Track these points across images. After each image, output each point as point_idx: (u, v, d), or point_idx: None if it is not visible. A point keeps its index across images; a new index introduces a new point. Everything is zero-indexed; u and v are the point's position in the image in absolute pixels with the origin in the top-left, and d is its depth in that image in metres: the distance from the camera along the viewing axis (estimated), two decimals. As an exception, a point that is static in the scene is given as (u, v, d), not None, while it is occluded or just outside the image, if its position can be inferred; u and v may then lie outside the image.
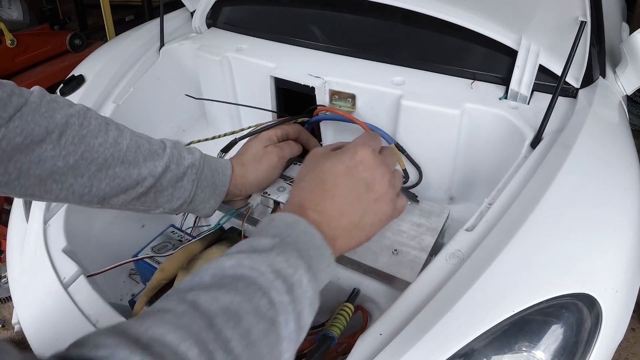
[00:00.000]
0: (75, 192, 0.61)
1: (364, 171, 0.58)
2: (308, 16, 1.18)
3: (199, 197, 0.70)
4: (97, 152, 0.60)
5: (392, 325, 0.62)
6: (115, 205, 0.65)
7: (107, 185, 0.62)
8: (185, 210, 0.71)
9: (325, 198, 0.55)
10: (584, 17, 0.86)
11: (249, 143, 0.81)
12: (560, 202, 0.70)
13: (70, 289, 0.79)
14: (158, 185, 0.65)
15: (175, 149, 0.67)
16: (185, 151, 0.69)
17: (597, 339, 0.63)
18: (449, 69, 1.01)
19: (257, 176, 0.77)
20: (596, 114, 0.87)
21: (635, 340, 1.51)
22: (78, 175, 0.59)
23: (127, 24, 3.26)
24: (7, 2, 2.81)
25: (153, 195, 0.65)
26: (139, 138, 0.65)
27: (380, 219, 0.59)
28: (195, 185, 0.68)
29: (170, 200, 0.67)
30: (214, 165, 0.72)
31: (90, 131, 0.60)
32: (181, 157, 0.67)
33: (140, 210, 0.68)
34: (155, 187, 0.65)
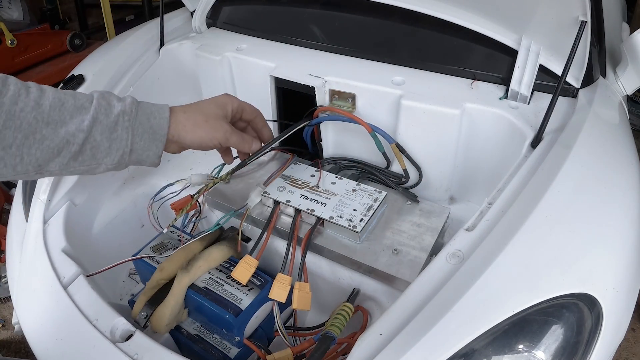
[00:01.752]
0: (7, 164, 0.58)
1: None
2: (308, 16, 1.18)
3: (139, 146, 0.66)
4: (19, 119, 0.57)
5: (392, 325, 0.62)
6: (55, 171, 0.62)
7: (37, 150, 0.59)
8: (129, 162, 0.67)
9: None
10: (584, 17, 0.86)
11: (206, 103, 0.76)
12: (560, 202, 0.70)
13: (70, 289, 0.79)
14: (91, 140, 0.62)
15: (103, 98, 0.64)
16: (115, 99, 0.65)
17: (598, 339, 0.62)
18: (449, 68, 1.01)
19: (194, 138, 0.72)
20: (596, 114, 0.87)
21: (635, 340, 1.51)
22: (6, 146, 0.57)
23: (127, 24, 3.26)
24: (7, 2, 2.81)
25: (90, 152, 0.62)
26: (63, 95, 0.61)
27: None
28: (131, 133, 0.64)
29: (109, 154, 0.64)
30: (149, 110, 0.67)
31: (10, 98, 0.57)
32: (110, 106, 0.64)
33: (83, 171, 0.64)
34: (88, 142, 0.61)
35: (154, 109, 0.68)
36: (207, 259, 0.84)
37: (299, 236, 0.86)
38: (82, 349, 0.71)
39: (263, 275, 0.83)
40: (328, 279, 0.89)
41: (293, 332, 0.86)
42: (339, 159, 1.08)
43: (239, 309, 0.77)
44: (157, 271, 0.83)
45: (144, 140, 0.66)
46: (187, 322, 0.86)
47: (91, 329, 0.72)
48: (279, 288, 0.79)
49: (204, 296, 0.79)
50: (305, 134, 1.06)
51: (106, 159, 0.64)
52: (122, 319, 0.74)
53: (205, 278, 0.83)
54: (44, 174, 0.62)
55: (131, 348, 0.70)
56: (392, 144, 0.95)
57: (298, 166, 1.00)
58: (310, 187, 0.93)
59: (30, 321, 0.78)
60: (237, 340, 0.79)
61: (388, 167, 1.03)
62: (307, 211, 0.87)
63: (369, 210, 0.87)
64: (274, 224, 0.88)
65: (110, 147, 0.63)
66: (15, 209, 1.02)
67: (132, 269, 1.06)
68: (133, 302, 0.84)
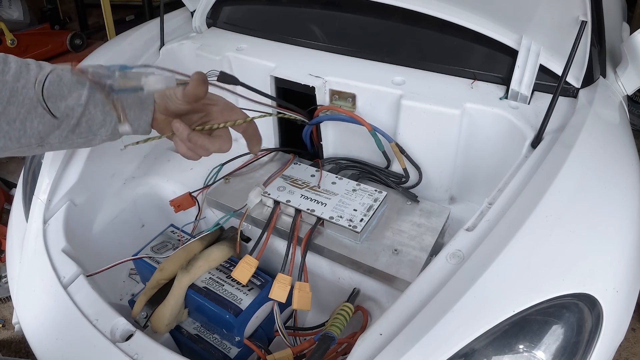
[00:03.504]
0: (12, 138, 0.62)
1: None
2: (308, 16, 1.18)
3: (130, 116, 0.69)
4: (22, 95, 0.61)
5: (392, 325, 0.62)
6: (55, 144, 0.66)
7: (39, 124, 0.63)
8: (124, 132, 0.70)
9: None
10: (584, 17, 0.86)
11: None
12: (560, 202, 0.70)
13: (70, 289, 0.79)
14: (87, 114, 0.65)
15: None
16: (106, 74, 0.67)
17: (598, 339, 0.62)
18: (449, 68, 1.01)
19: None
20: (597, 114, 0.87)
21: (635, 340, 1.51)
22: (10, 121, 0.61)
23: (127, 24, 3.26)
24: (7, 1, 2.81)
25: (86, 124, 0.66)
26: (61, 70, 0.65)
27: None
28: (122, 105, 0.68)
29: (103, 125, 0.67)
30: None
31: (12, 75, 0.61)
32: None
33: (81, 143, 0.68)
34: (85, 115, 0.65)
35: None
36: (207, 259, 0.84)
37: (299, 236, 0.86)
38: (82, 349, 0.71)
39: (263, 275, 0.83)
40: (328, 279, 0.89)
41: (293, 332, 0.86)
42: (339, 159, 1.08)
43: (239, 309, 0.77)
44: (157, 271, 0.83)
45: (133, 111, 0.68)
46: (187, 322, 0.86)
47: (91, 329, 0.72)
48: (279, 288, 0.79)
49: (204, 296, 0.79)
50: (305, 135, 1.06)
51: (101, 130, 0.67)
52: (122, 319, 0.74)
53: (205, 278, 0.83)
54: (44, 147, 0.65)
55: (131, 348, 0.70)
56: (392, 142, 0.95)
57: (298, 166, 1.00)
58: (310, 187, 0.93)
59: (30, 321, 0.78)
60: (237, 340, 0.79)
61: (388, 167, 1.03)
62: (307, 211, 0.87)
63: (369, 210, 0.87)
64: (274, 224, 0.88)
65: (104, 120, 0.67)
66: (15, 209, 1.02)
67: (132, 269, 1.06)
68: (133, 302, 0.84)
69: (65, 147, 0.68)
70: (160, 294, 0.82)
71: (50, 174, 0.97)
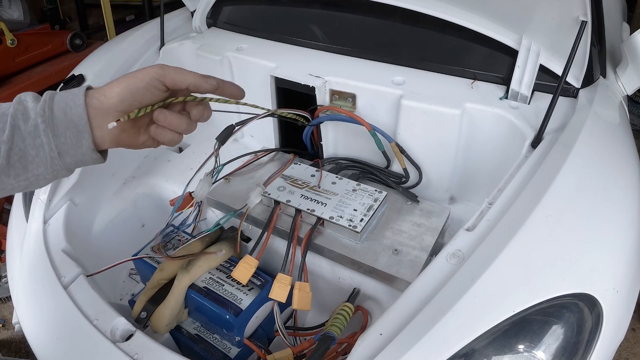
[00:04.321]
0: None
1: None
2: (308, 16, 1.18)
3: (67, 146, 0.58)
4: None
5: (392, 325, 0.62)
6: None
7: None
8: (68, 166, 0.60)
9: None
10: (584, 17, 0.86)
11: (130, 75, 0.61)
12: (560, 202, 0.70)
13: (70, 289, 0.79)
14: (16, 150, 0.56)
15: (20, 102, 0.58)
16: (31, 100, 0.58)
17: (598, 339, 0.62)
18: (449, 68, 1.01)
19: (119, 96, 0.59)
20: (597, 114, 0.87)
21: (635, 340, 1.51)
22: None
23: (127, 24, 3.26)
24: (7, 1, 2.81)
25: (19, 163, 0.57)
26: None
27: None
28: (51, 135, 0.57)
29: (39, 163, 0.58)
30: (64, 102, 0.58)
31: None
32: (26, 109, 0.57)
33: (23, 187, 0.59)
34: (14, 153, 0.56)
35: (69, 98, 0.59)
36: (207, 259, 0.84)
37: (299, 236, 0.85)
38: (82, 349, 0.71)
39: (263, 275, 0.83)
40: (328, 279, 0.89)
41: (293, 332, 0.86)
42: (339, 159, 1.08)
43: (239, 309, 0.77)
44: (157, 271, 0.83)
45: (69, 138, 0.58)
46: (187, 322, 0.86)
47: (91, 329, 0.72)
48: (279, 288, 0.79)
49: (204, 296, 0.79)
50: (305, 136, 1.06)
51: (40, 169, 0.58)
52: (122, 318, 0.74)
53: (205, 278, 0.83)
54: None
55: (131, 348, 0.70)
56: (392, 142, 0.95)
57: (298, 166, 1.00)
58: (310, 187, 0.93)
59: (30, 321, 0.78)
60: (237, 340, 0.79)
61: (388, 167, 1.03)
62: (307, 211, 0.87)
63: (369, 210, 0.87)
64: (274, 224, 0.88)
65: (37, 155, 0.57)
66: (15, 209, 1.02)
67: (132, 269, 1.06)
68: (133, 302, 0.84)
69: (8, 193, 0.59)
70: (160, 294, 0.82)
71: (50, 174, 0.97)
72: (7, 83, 2.47)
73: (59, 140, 0.58)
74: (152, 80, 0.59)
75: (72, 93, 0.59)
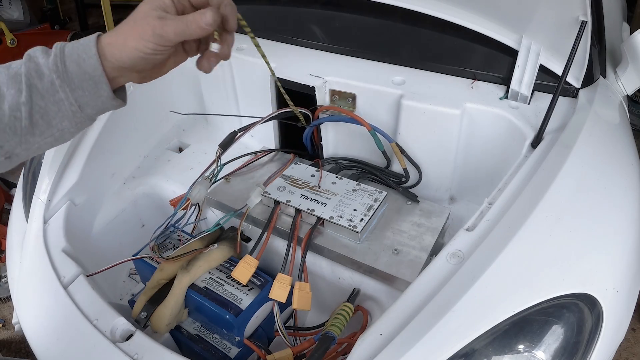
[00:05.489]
0: None
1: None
2: (308, 16, 1.18)
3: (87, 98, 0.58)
4: None
5: (392, 325, 0.62)
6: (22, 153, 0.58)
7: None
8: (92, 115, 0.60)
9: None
10: (584, 17, 0.86)
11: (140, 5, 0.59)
12: (560, 202, 0.70)
13: (70, 289, 0.79)
14: (37, 109, 0.56)
15: (30, 60, 0.57)
16: (41, 56, 0.58)
17: (598, 339, 0.62)
18: (449, 68, 1.01)
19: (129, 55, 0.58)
20: (597, 114, 0.87)
21: (635, 340, 1.51)
22: None
23: (127, 24, 3.26)
24: (7, 1, 2.81)
25: (42, 121, 0.57)
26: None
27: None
28: (69, 90, 0.56)
29: (62, 117, 0.58)
30: (76, 53, 0.57)
31: None
32: (39, 66, 0.57)
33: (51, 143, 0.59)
34: (35, 112, 0.56)
35: (81, 49, 0.57)
36: (207, 259, 0.84)
37: (299, 236, 0.85)
38: (82, 349, 0.71)
39: (263, 275, 0.83)
40: (328, 279, 0.89)
41: (293, 332, 0.86)
42: (339, 158, 1.08)
43: (239, 308, 0.77)
44: (157, 271, 0.83)
45: (87, 90, 0.57)
46: (187, 322, 0.86)
47: (91, 329, 0.72)
48: (279, 288, 0.79)
49: (204, 296, 0.79)
50: (305, 138, 1.06)
51: (63, 123, 0.58)
52: (122, 318, 0.74)
53: (205, 278, 0.83)
54: (12, 159, 0.58)
55: (131, 348, 0.70)
56: (392, 142, 0.95)
57: (298, 166, 1.00)
58: (310, 187, 0.93)
59: (30, 321, 0.78)
60: (237, 340, 0.79)
61: (388, 167, 1.03)
62: (307, 211, 0.87)
63: (369, 210, 0.87)
64: (274, 224, 0.88)
65: (59, 110, 0.57)
66: (15, 209, 1.02)
67: (132, 269, 1.06)
68: (133, 302, 0.84)
69: (36, 152, 0.59)
70: (160, 294, 0.82)
71: (50, 174, 0.97)
72: (7, 83, 2.47)
73: (77, 93, 0.57)
74: (156, 47, 0.58)
75: (82, 44, 0.58)
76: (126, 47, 0.57)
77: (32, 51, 0.58)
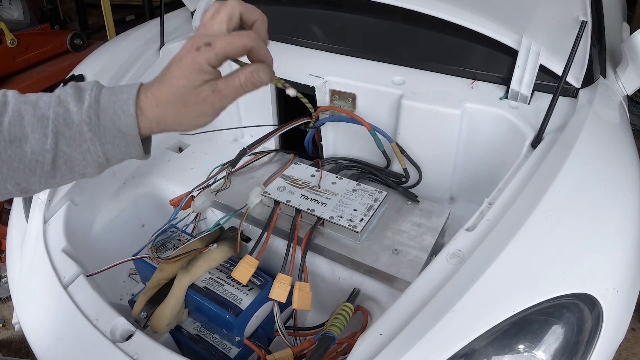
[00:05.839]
0: None
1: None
2: (308, 16, 1.18)
3: (115, 152, 0.56)
4: None
5: (392, 325, 0.62)
6: (39, 189, 0.57)
7: (9, 170, 0.53)
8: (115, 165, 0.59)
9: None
10: (584, 17, 0.86)
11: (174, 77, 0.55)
12: (560, 202, 0.70)
13: (70, 289, 0.79)
14: (62, 155, 0.54)
15: (60, 105, 0.55)
16: (73, 102, 0.55)
17: (598, 339, 0.62)
18: (449, 68, 1.01)
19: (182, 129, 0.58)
20: (597, 114, 0.87)
21: (635, 340, 1.51)
22: None
23: (127, 24, 3.26)
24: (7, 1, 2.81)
25: (65, 166, 0.55)
26: (23, 105, 0.55)
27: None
28: (98, 144, 0.54)
29: (86, 165, 0.56)
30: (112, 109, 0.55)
31: None
32: (68, 113, 0.54)
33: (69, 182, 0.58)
34: (59, 157, 0.54)
35: (117, 106, 0.55)
36: (207, 259, 0.84)
37: (299, 236, 0.85)
38: (82, 349, 0.71)
39: (263, 275, 0.83)
40: (328, 279, 0.89)
41: (293, 332, 0.86)
42: (339, 159, 1.08)
43: (239, 309, 0.77)
44: (158, 271, 0.83)
45: (117, 146, 0.56)
46: (187, 322, 0.86)
47: (91, 328, 0.72)
48: (279, 288, 0.79)
49: (204, 296, 0.79)
50: (307, 143, 1.06)
51: (87, 170, 0.57)
52: (122, 318, 0.74)
53: (205, 278, 0.83)
54: (29, 193, 0.57)
55: (131, 348, 0.70)
56: (392, 142, 0.95)
57: (298, 166, 1.00)
58: (310, 187, 0.93)
59: (30, 321, 0.78)
60: (237, 340, 0.79)
61: (388, 167, 1.03)
62: (307, 211, 0.87)
63: (369, 210, 0.87)
64: (274, 224, 0.88)
65: (85, 159, 0.55)
66: (15, 209, 1.02)
67: (132, 269, 1.06)
68: (133, 302, 0.84)
69: (54, 187, 0.58)
70: (160, 294, 0.82)
71: (50, 174, 0.97)
72: (7, 83, 2.48)
73: (106, 147, 0.55)
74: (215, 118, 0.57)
75: (120, 100, 0.55)
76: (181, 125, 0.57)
77: (63, 93, 0.55)
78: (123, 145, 0.56)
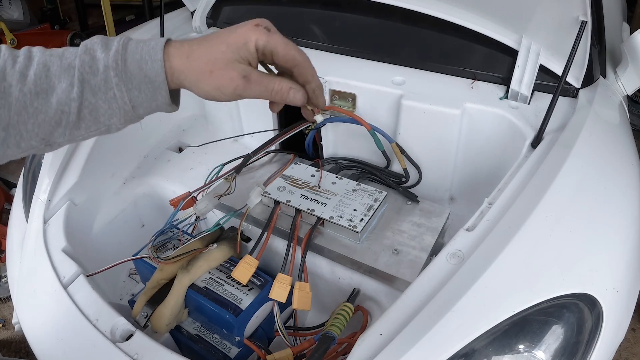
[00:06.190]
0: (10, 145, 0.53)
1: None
2: (308, 16, 1.18)
3: (141, 99, 0.55)
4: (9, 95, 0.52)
5: (392, 325, 0.62)
6: (64, 142, 0.56)
7: (34, 125, 0.53)
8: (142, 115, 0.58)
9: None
10: (584, 17, 0.86)
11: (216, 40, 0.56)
12: (560, 202, 0.70)
13: (70, 289, 0.79)
14: (87, 104, 0.54)
15: (86, 52, 0.54)
16: (100, 49, 0.54)
17: (598, 339, 0.62)
18: (449, 68, 1.01)
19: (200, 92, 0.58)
20: (597, 114, 0.87)
21: (635, 340, 1.51)
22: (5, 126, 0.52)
23: (127, 24, 3.27)
24: (7, 1, 2.81)
25: (90, 116, 0.55)
26: (49, 57, 0.55)
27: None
28: (125, 90, 0.54)
29: (111, 115, 0.55)
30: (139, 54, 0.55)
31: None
32: (94, 61, 0.54)
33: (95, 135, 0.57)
34: (84, 107, 0.54)
35: (145, 51, 0.55)
36: (207, 259, 0.84)
37: (299, 236, 0.85)
38: (82, 349, 0.71)
39: (263, 275, 0.83)
40: (328, 279, 0.89)
41: (293, 332, 0.86)
42: (339, 159, 1.08)
43: (239, 309, 0.77)
44: (158, 271, 0.83)
45: (143, 92, 0.55)
46: (187, 322, 0.86)
47: (91, 328, 0.72)
48: (279, 288, 0.79)
49: (204, 296, 0.79)
50: (307, 144, 1.06)
51: (112, 120, 0.56)
52: (122, 318, 0.74)
53: (205, 278, 0.83)
54: (53, 146, 0.56)
55: (131, 348, 0.70)
56: (392, 142, 0.95)
57: (298, 166, 1.00)
58: (310, 187, 0.93)
59: (30, 321, 0.78)
60: (237, 340, 0.79)
61: (388, 167, 1.03)
62: (307, 211, 0.87)
63: (369, 210, 0.87)
64: (274, 224, 0.88)
65: (110, 108, 0.55)
66: (15, 209, 1.02)
67: (132, 269, 1.06)
68: (133, 302, 0.84)
69: (79, 140, 0.57)
70: (160, 294, 0.82)
71: (50, 174, 0.97)
72: (7, 83, 2.48)
73: (133, 94, 0.55)
74: (231, 99, 0.58)
75: (148, 46, 0.55)
76: (198, 87, 0.56)
77: (90, 42, 0.55)
78: (150, 91, 0.55)
